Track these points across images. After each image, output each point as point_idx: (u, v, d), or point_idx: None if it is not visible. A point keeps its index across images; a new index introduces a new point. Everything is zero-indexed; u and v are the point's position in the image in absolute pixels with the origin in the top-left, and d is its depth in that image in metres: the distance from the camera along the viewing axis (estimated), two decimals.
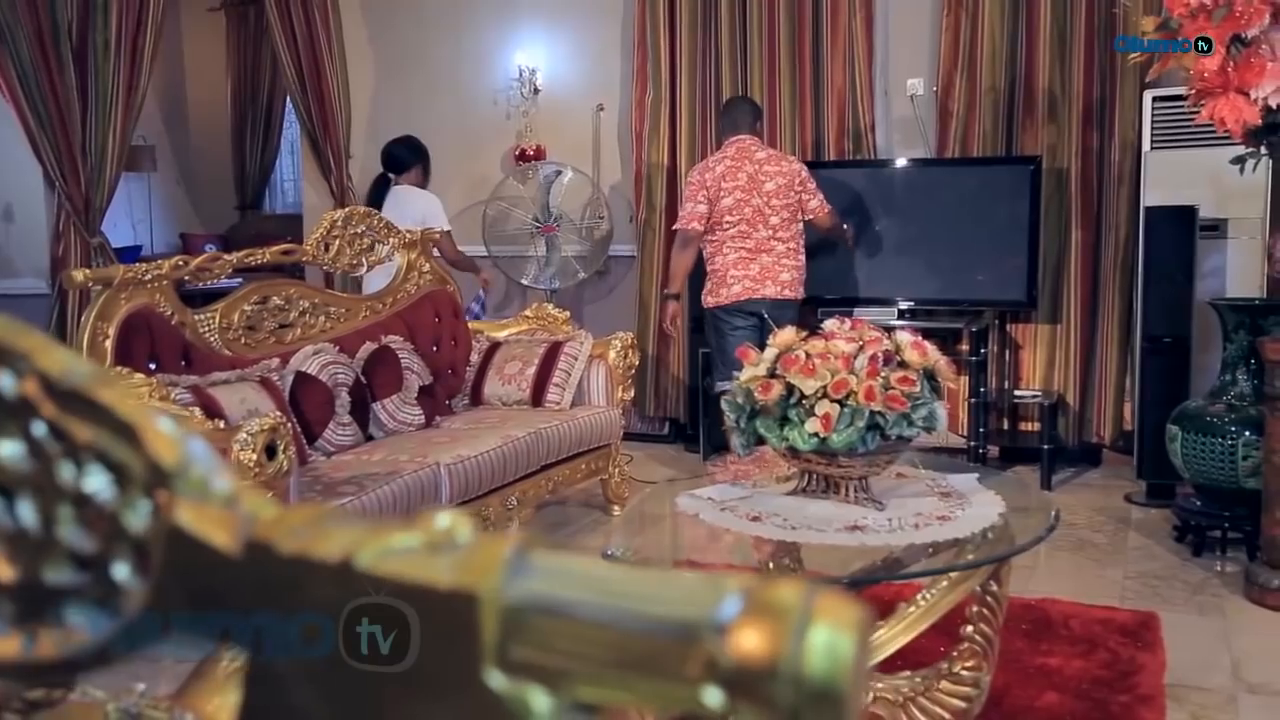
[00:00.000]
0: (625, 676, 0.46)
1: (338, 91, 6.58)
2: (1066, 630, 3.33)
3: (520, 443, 4.01)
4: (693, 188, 4.76)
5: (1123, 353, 5.18)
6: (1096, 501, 4.82)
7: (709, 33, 5.85)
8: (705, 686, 0.44)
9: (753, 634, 0.43)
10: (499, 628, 0.47)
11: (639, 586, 0.46)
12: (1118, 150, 5.11)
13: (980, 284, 5.31)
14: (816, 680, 0.42)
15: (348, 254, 4.33)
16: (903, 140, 5.64)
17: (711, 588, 0.45)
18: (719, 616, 0.44)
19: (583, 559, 0.49)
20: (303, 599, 0.50)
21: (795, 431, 2.47)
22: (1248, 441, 3.84)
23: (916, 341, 2.54)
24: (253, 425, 2.87)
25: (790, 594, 0.44)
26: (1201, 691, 2.92)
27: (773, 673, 0.42)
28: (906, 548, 2.54)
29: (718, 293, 4.76)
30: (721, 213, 4.72)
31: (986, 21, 5.29)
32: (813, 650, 0.42)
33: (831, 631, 0.43)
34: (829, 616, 0.43)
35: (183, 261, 3.62)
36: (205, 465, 0.55)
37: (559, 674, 0.47)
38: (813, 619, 0.43)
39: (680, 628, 0.44)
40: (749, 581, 0.45)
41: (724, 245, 4.75)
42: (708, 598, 0.45)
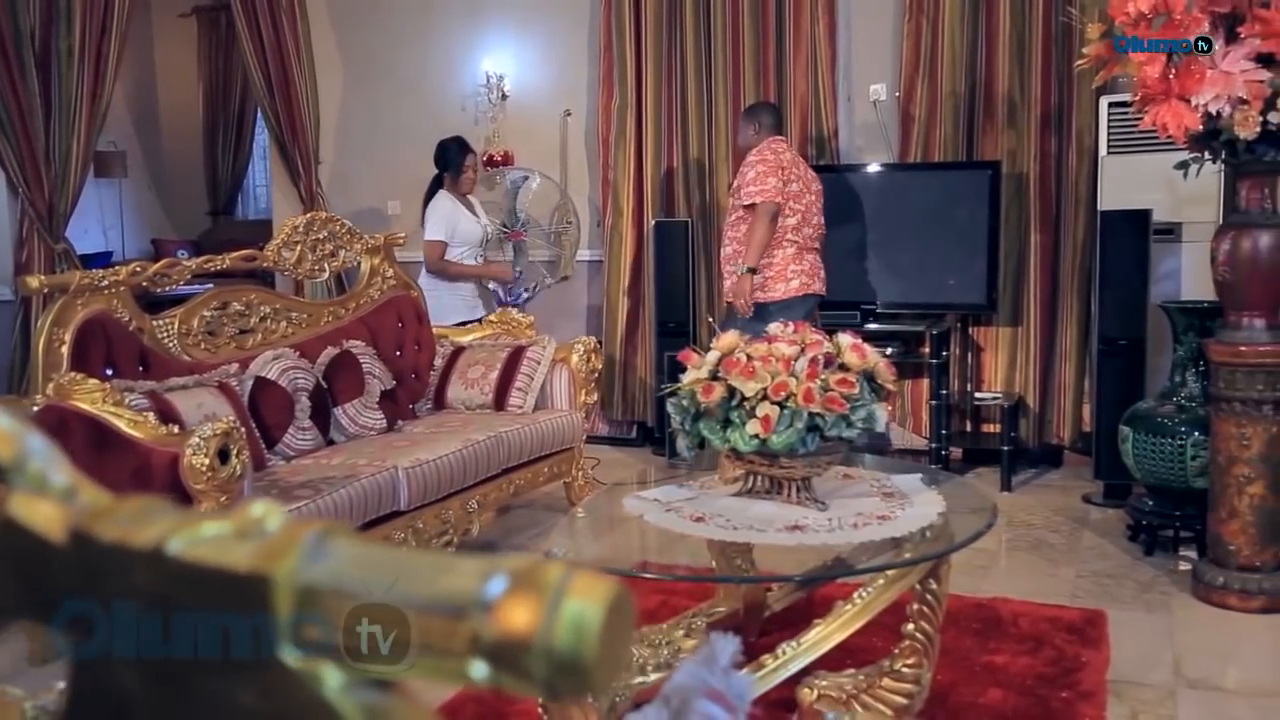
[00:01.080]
0: (408, 652, 0.49)
1: (306, 98, 6.60)
2: (1015, 629, 3.38)
3: (480, 446, 4.04)
4: (768, 164, 4.71)
5: (1081, 355, 5.24)
6: (1055, 502, 4.88)
7: (674, 39, 5.90)
8: (472, 660, 0.47)
9: (513, 611, 0.47)
10: (293, 608, 0.50)
11: (420, 569, 0.50)
12: (1075, 155, 5.17)
13: (942, 287, 5.37)
14: (564, 652, 0.46)
15: (310, 259, 4.36)
16: (866, 145, 5.69)
17: (481, 569, 0.49)
18: (485, 595, 0.48)
19: (375, 546, 0.52)
20: (119, 585, 0.53)
21: (737, 433, 2.51)
22: (1196, 442, 3.90)
23: (856, 344, 2.59)
24: (205, 430, 2.89)
25: (550, 573, 0.47)
26: (1142, 687, 2.97)
27: (528, 646, 0.46)
28: (856, 547, 2.59)
29: (773, 287, 4.78)
30: (787, 198, 4.74)
31: (947, 28, 5.35)
32: (562, 625, 0.46)
33: (582, 607, 0.46)
34: (581, 594, 0.47)
35: (140, 268, 3.64)
36: (43, 460, 0.58)
37: (349, 650, 0.50)
38: (566, 596, 0.47)
39: (451, 606, 0.48)
40: (517, 563, 0.49)
41: (784, 238, 4.77)
42: (477, 578, 0.48)
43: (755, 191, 4.69)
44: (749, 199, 4.70)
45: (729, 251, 4.86)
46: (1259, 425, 3.47)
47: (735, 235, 4.81)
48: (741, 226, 4.77)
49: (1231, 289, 3.49)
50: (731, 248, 4.84)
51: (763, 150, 4.78)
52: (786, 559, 2.74)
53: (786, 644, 2.36)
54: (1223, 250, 3.48)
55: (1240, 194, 3.47)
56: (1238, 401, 3.49)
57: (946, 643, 3.23)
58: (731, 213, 4.89)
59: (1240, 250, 3.44)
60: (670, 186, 5.99)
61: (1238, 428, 3.50)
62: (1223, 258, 3.48)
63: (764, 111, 5.04)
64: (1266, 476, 3.48)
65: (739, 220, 4.80)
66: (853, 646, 3.04)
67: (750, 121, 4.99)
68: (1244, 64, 3.18)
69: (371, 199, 6.75)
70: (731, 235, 4.85)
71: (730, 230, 4.87)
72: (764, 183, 4.68)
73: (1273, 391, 3.45)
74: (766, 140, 4.84)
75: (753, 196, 4.69)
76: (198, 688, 0.53)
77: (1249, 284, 3.44)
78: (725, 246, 4.92)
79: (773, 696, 2.65)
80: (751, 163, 4.77)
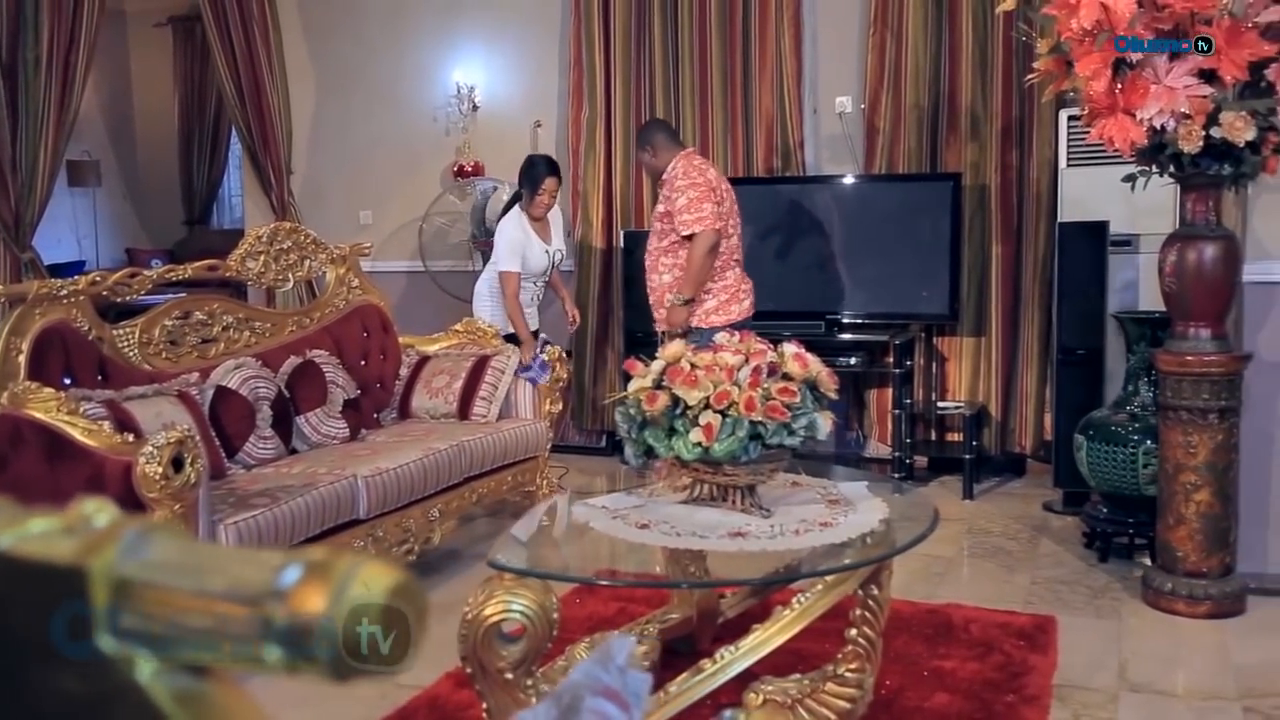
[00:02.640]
0: (211, 639, 0.53)
1: (278, 108, 6.63)
2: (966, 634, 3.42)
3: (442, 455, 4.06)
4: (698, 189, 4.41)
5: (1043, 365, 5.30)
6: (1015, 510, 4.93)
7: (643, 52, 5.95)
8: (266, 645, 0.51)
9: (303, 597, 0.50)
10: (109, 598, 0.54)
11: (227, 562, 0.54)
12: (1036, 167, 5.24)
13: (906, 297, 5.42)
14: (346, 637, 0.49)
15: (274, 269, 4.38)
16: (831, 157, 5.75)
17: (279, 560, 0.52)
18: (280, 584, 0.51)
19: (192, 541, 0.56)
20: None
21: (681, 441, 2.55)
22: (1148, 450, 3.95)
23: (799, 354, 2.63)
24: (159, 438, 2.91)
25: (340, 563, 0.51)
26: (1086, 691, 3.02)
27: (313, 630, 0.50)
28: (810, 553, 2.62)
29: (728, 309, 4.56)
30: (723, 220, 4.49)
31: (911, 41, 5.42)
32: (345, 610, 0.50)
33: (364, 593, 0.50)
34: (366, 581, 0.50)
35: (100, 277, 3.66)
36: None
37: (162, 639, 0.54)
38: (351, 583, 0.50)
39: (248, 594, 0.51)
40: (314, 554, 0.52)
41: (730, 259, 4.59)
42: (274, 569, 0.52)
43: (692, 220, 4.38)
44: (687, 228, 4.39)
45: (669, 280, 4.54)
46: (1205, 433, 3.53)
47: (677, 262, 4.50)
48: (682, 253, 4.47)
49: (1178, 299, 3.55)
50: (671, 275, 4.54)
51: (688, 171, 4.48)
52: (748, 565, 2.78)
53: (726, 648, 2.39)
54: (1169, 261, 3.54)
55: (1186, 206, 3.53)
56: (1184, 410, 3.55)
57: (898, 648, 3.29)
58: (661, 236, 4.55)
59: (1186, 261, 3.50)
60: (639, 197, 6.03)
61: (1184, 436, 3.55)
62: (1169, 269, 3.54)
63: (654, 130, 4.72)
64: (1212, 484, 3.54)
65: (676, 246, 4.50)
66: (804, 651, 3.09)
67: (643, 146, 4.68)
68: (1187, 79, 3.25)
69: (344, 208, 6.78)
70: (671, 262, 4.53)
71: (665, 256, 4.55)
72: (699, 210, 4.39)
73: (1218, 400, 3.51)
74: (684, 158, 4.54)
75: (690, 226, 4.38)
76: (20, 675, 0.56)
77: (1194, 294, 3.50)
78: (662, 274, 4.57)
79: (722, 700, 2.69)
80: (680, 187, 4.45)
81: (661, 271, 4.57)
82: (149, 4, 9.43)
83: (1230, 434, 3.57)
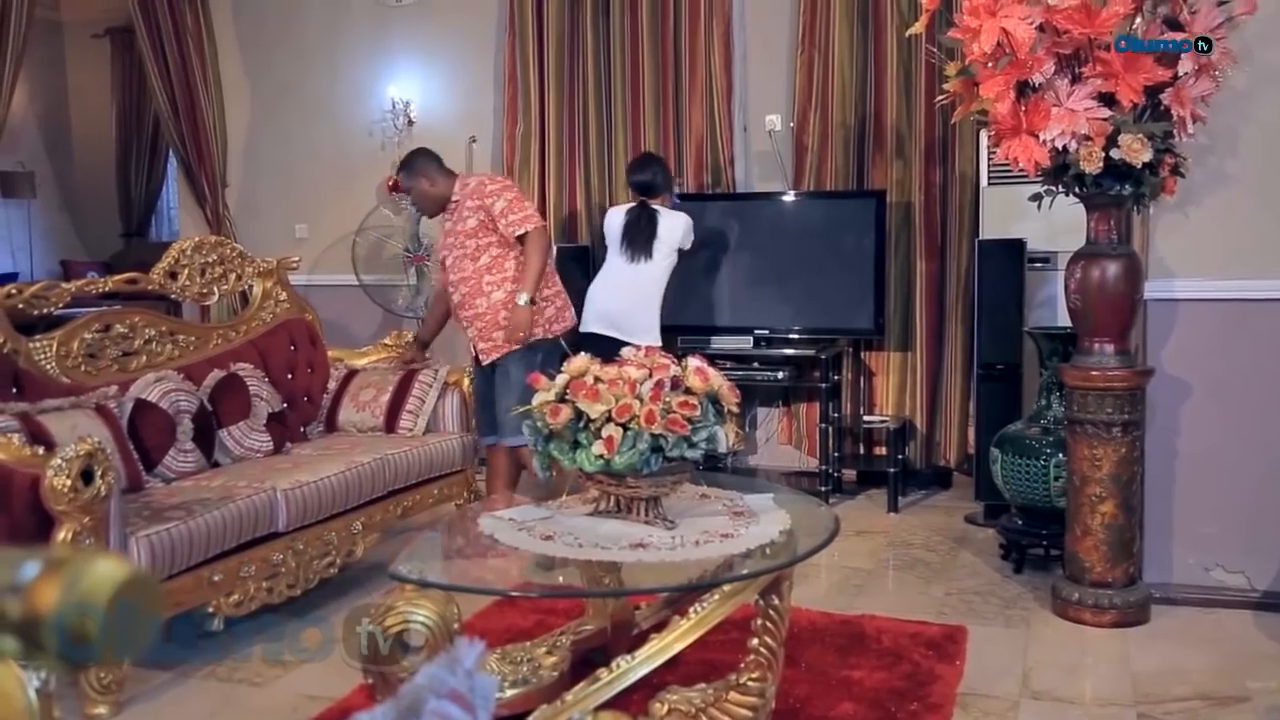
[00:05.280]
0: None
1: (213, 121, 6.61)
2: (877, 644, 3.48)
3: (365, 468, 4.08)
4: (513, 190, 4.46)
5: (966, 379, 5.40)
6: (937, 522, 5.01)
7: (576, 68, 6.01)
8: (4, 637, 0.55)
9: (38, 592, 0.54)
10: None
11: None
12: (958, 186, 5.35)
13: (832, 313, 5.50)
14: (71, 628, 0.53)
15: (197, 283, 4.37)
16: (761, 174, 5.83)
17: (19, 557, 0.56)
18: (18, 579, 0.55)
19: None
20: None
21: (584, 454, 2.59)
22: (1059, 463, 4.05)
23: (700, 368, 2.68)
24: (68, 450, 2.91)
25: (74, 559, 0.55)
26: (989, 699, 3.09)
27: (44, 622, 0.53)
28: (708, 563, 2.67)
29: (564, 316, 4.63)
30: None
31: (837, 61, 5.51)
32: (72, 603, 0.53)
33: (91, 587, 0.54)
34: (96, 576, 0.54)
35: (16, 290, 3.64)
36: None
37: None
38: (82, 578, 0.54)
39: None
40: (54, 552, 0.56)
41: (553, 266, 4.71)
42: (14, 565, 0.55)
43: (521, 219, 4.31)
44: (518, 228, 4.30)
45: (502, 296, 4.35)
46: (1109, 446, 3.62)
47: (505, 276, 4.36)
48: (509, 264, 4.36)
49: (1083, 316, 3.65)
50: (503, 291, 4.36)
51: (494, 178, 4.48)
52: (669, 576, 2.81)
53: (622, 657, 2.43)
54: (1074, 279, 3.64)
55: (1090, 225, 3.64)
56: (1089, 424, 3.64)
57: (810, 659, 3.35)
58: (478, 254, 4.38)
59: (1090, 279, 3.59)
60: (573, 212, 6.08)
61: (1090, 449, 3.65)
62: (1074, 286, 3.64)
63: (426, 160, 4.53)
64: (1117, 496, 3.64)
65: (500, 259, 4.37)
66: (714, 662, 3.14)
67: (418, 177, 4.49)
68: (1087, 102, 3.35)
69: (279, 222, 6.76)
70: (499, 277, 4.36)
71: (489, 274, 4.37)
72: (524, 209, 4.34)
73: (1121, 414, 3.61)
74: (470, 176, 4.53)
75: (522, 225, 4.30)
76: None
77: (1098, 311, 3.60)
78: (491, 293, 4.37)
79: (632, 710, 2.73)
80: (493, 192, 4.36)
81: (489, 291, 4.38)
82: (87, 15, 9.36)
83: (1133, 447, 3.67)
